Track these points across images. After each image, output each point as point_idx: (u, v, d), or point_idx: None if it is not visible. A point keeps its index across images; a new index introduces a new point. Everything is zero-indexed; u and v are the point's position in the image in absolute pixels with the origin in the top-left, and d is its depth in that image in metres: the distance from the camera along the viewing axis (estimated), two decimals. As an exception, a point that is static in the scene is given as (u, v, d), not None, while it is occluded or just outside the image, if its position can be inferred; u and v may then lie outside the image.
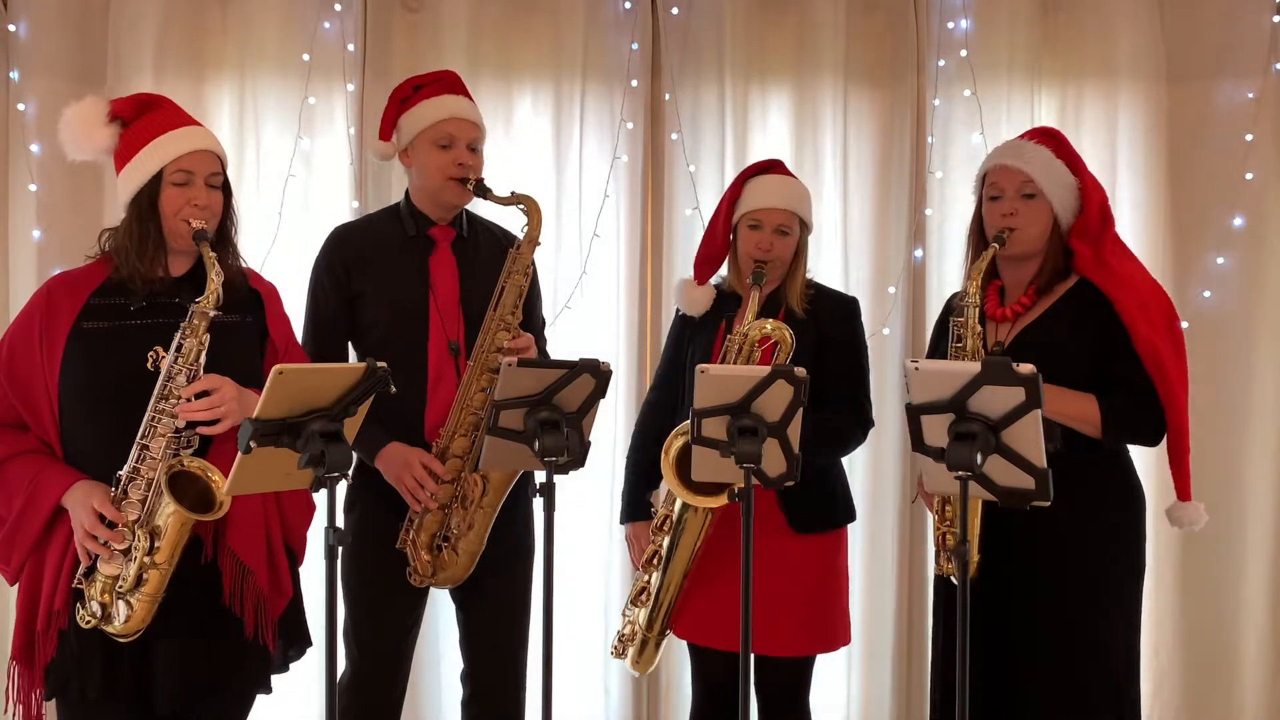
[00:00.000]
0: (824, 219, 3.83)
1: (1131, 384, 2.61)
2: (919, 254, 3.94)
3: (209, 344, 2.35)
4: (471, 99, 2.92)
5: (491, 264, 2.87)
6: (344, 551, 2.83)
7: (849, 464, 2.98)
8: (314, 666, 2.62)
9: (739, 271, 2.93)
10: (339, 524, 2.11)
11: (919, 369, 2.26)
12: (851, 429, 2.89)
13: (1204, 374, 2.74)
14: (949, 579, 2.64)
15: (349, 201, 3.78)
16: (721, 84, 3.92)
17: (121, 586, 2.30)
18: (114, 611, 2.31)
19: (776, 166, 2.99)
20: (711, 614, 2.80)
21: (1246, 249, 3.93)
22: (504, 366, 2.39)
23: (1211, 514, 2.83)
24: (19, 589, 2.43)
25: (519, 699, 2.97)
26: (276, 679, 2.57)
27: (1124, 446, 2.72)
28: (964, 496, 2.22)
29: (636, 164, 3.90)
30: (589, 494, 3.83)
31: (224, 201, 2.49)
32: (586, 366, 2.39)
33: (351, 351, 2.96)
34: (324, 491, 2.10)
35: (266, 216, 3.75)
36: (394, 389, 2.18)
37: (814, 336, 2.84)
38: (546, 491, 2.36)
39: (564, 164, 3.91)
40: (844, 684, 3.96)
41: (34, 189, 3.69)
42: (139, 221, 2.41)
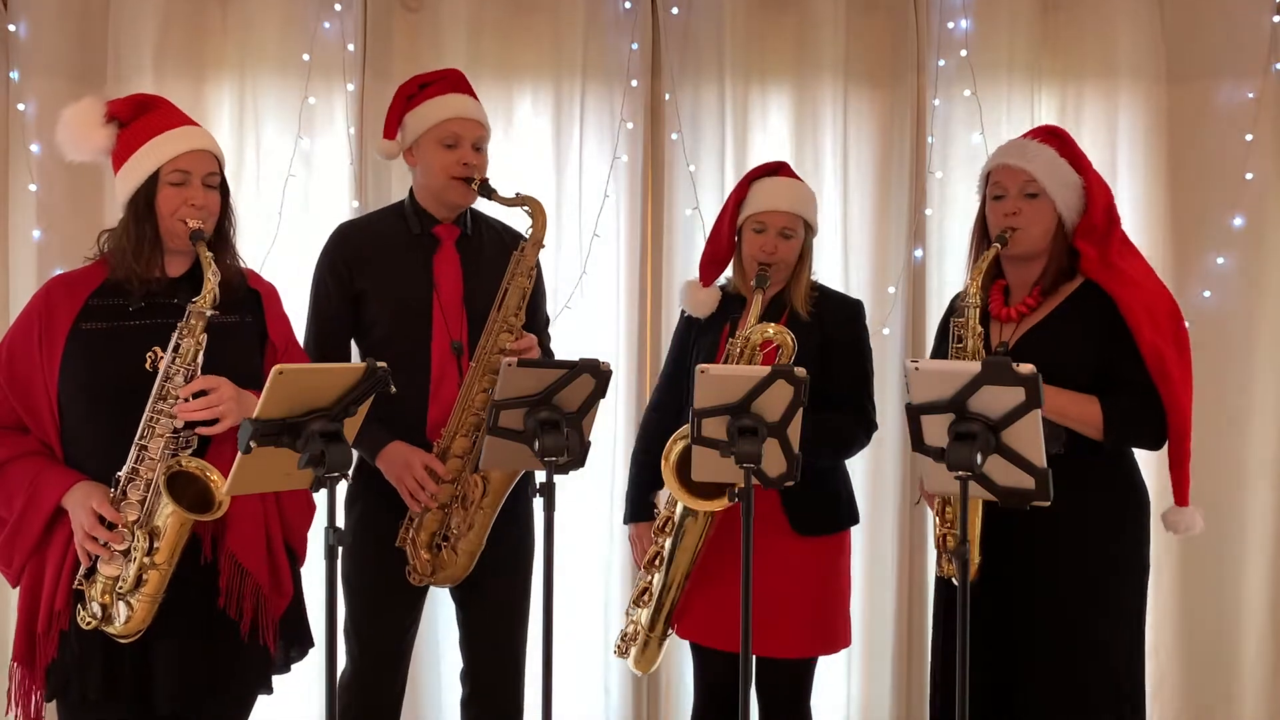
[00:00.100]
0: (824, 219, 3.80)
1: (1135, 387, 2.59)
2: (919, 254, 3.94)
3: (209, 344, 2.35)
4: (476, 98, 2.91)
5: (496, 262, 2.86)
6: (345, 549, 2.84)
7: (849, 465, 2.98)
8: (314, 666, 2.62)
9: (744, 273, 2.92)
10: (339, 524, 2.11)
11: (919, 369, 2.26)
12: (854, 431, 2.88)
13: (1204, 374, 2.73)
14: (950, 580, 2.62)
15: (349, 201, 3.78)
16: (721, 84, 3.92)
17: (121, 587, 2.30)
18: (114, 612, 2.31)
19: (782, 169, 2.98)
20: (714, 615, 2.80)
21: (1246, 249, 3.93)
22: (504, 366, 2.39)
23: (1211, 514, 2.82)
24: (20, 590, 2.42)
25: (518, 699, 2.97)
26: (277, 678, 2.57)
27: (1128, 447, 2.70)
28: (964, 496, 2.22)
29: (636, 164, 3.90)
30: (589, 494, 3.83)
31: (221, 201, 2.48)
32: (586, 366, 2.39)
33: (355, 350, 2.96)
34: (324, 491, 2.10)
35: (266, 216, 3.75)
36: (394, 389, 2.18)
37: (818, 339, 2.84)
38: (546, 491, 2.36)
39: (564, 164, 3.91)
40: (844, 685, 3.96)
41: (34, 189, 3.69)
42: (135, 222, 2.41)
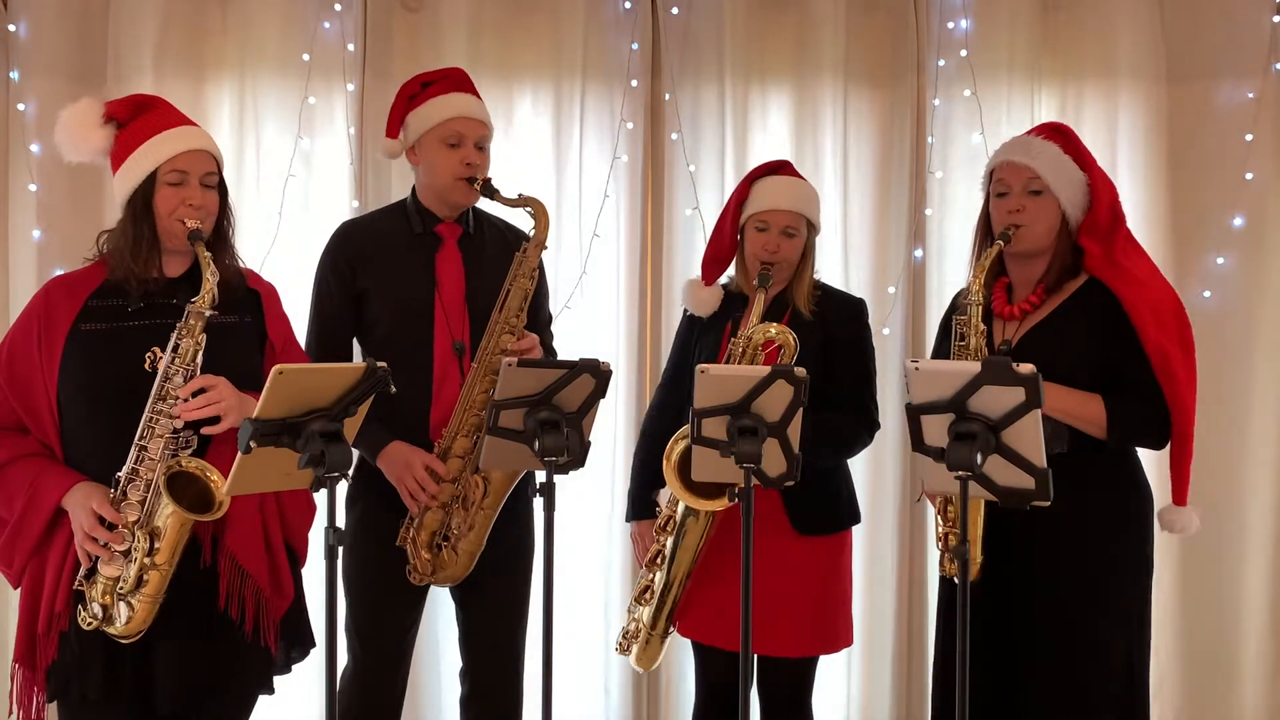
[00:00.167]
0: (824, 219, 3.78)
1: (1139, 386, 2.58)
2: (919, 254, 3.94)
3: (208, 345, 2.35)
4: (479, 97, 2.91)
5: (498, 261, 2.86)
6: (346, 548, 2.85)
7: (849, 464, 2.98)
8: (316, 665, 2.62)
9: (746, 272, 2.91)
10: (339, 523, 2.11)
11: (919, 369, 2.26)
12: (857, 430, 2.88)
13: (1204, 374, 2.71)
14: (953, 580, 2.61)
15: (349, 201, 3.78)
16: (721, 84, 3.92)
17: (122, 588, 2.30)
18: (115, 613, 2.31)
19: (785, 168, 2.98)
20: (715, 614, 2.80)
21: (1246, 249, 3.93)
22: (504, 366, 2.39)
23: (1211, 513, 2.82)
24: (21, 591, 2.42)
25: (517, 698, 2.97)
26: (278, 678, 2.57)
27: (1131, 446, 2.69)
28: (964, 496, 2.22)
29: (636, 164, 3.90)
30: (589, 494, 3.83)
31: (220, 201, 2.48)
32: (586, 366, 2.39)
33: (358, 349, 2.96)
34: (324, 491, 2.10)
35: (266, 216, 3.75)
36: (394, 389, 2.18)
37: (821, 338, 2.84)
38: (546, 491, 2.36)
39: (564, 164, 3.91)
40: (844, 684, 3.96)
41: (34, 189, 3.69)
42: (133, 222, 2.41)
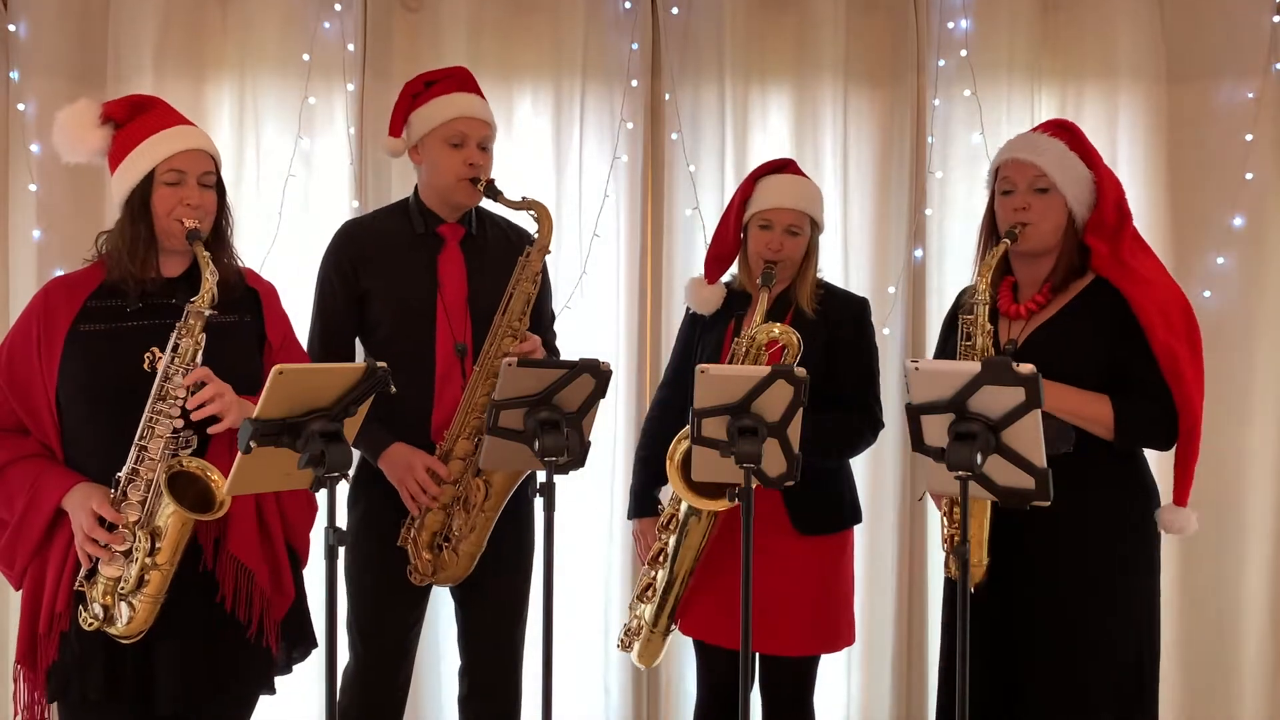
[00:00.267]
0: (824, 219, 3.83)
1: (1147, 386, 2.55)
2: (919, 254, 3.94)
3: (208, 344, 2.35)
4: (483, 96, 2.90)
5: (500, 262, 2.85)
6: (348, 548, 2.86)
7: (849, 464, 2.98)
8: (317, 665, 2.62)
9: (749, 271, 2.91)
10: (340, 523, 2.11)
11: (919, 369, 2.26)
12: (860, 430, 2.88)
13: (1205, 373, 2.71)
14: (969, 595, 2.54)
15: (349, 201, 3.78)
16: (721, 84, 3.92)
17: (123, 588, 2.30)
18: (116, 613, 2.31)
19: (789, 166, 2.98)
20: (718, 612, 2.81)
21: (1246, 249, 3.93)
22: (504, 366, 2.39)
23: (1212, 513, 2.81)
24: (23, 592, 2.42)
25: (516, 698, 2.97)
26: (280, 677, 2.57)
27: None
28: (964, 496, 2.22)
29: (636, 164, 3.90)
30: (589, 494, 3.83)
31: (218, 201, 2.48)
32: (586, 366, 2.39)
33: (360, 350, 2.95)
34: (324, 491, 2.10)
35: (266, 216, 3.75)
36: (394, 389, 2.18)
37: (824, 337, 2.84)
38: (546, 491, 2.36)
39: (564, 164, 3.91)
40: (844, 684, 3.96)
41: (34, 189, 3.69)
42: (131, 222, 2.41)
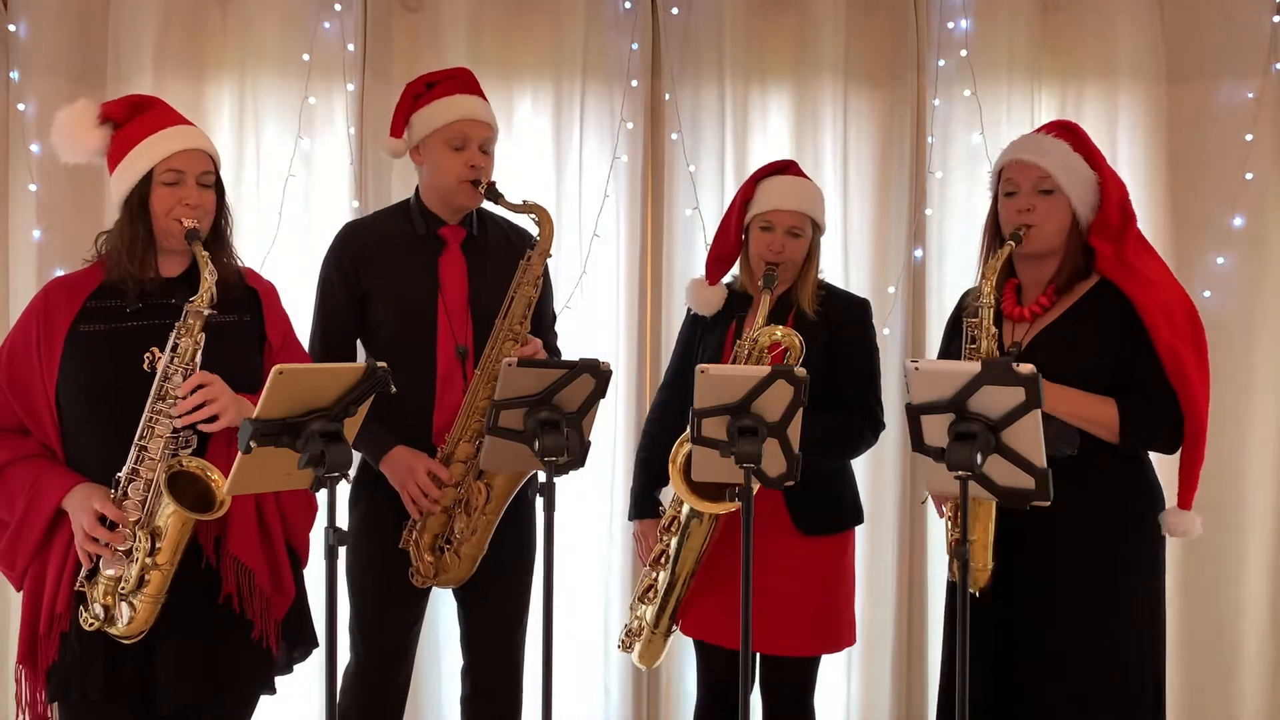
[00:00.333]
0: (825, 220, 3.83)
1: (1152, 389, 2.54)
2: (919, 254, 3.94)
3: (208, 344, 2.35)
4: (485, 98, 2.90)
5: (501, 264, 2.85)
6: (349, 548, 2.86)
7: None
8: (317, 665, 2.62)
9: (750, 272, 2.91)
10: (340, 523, 2.10)
11: (919, 369, 2.26)
12: (861, 430, 2.88)
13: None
14: (969, 594, 2.52)
15: (349, 201, 3.78)
16: (721, 84, 3.92)
17: (124, 588, 2.30)
18: (117, 613, 2.31)
19: (790, 168, 2.97)
20: (719, 613, 2.80)
21: (1246, 249, 3.93)
22: (504, 366, 2.39)
23: (1211, 514, 2.80)
24: (24, 593, 2.42)
25: (518, 699, 2.97)
26: (280, 677, 2.57)
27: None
28: (964, 496, 2.22)
29: (636, 164, 3.90)
30: (589, 494, 3.83)
31: (217, 200, 2.48)
32: (586, 366, 2.39)
33: (362, 351, 2.95)
34: (324, 491, 2.10)
35: (266, 216, 3.75)
36: (394, 389, 2.18)
37: (825, 338, 2.84)
38: (546, 491, 2.36)
39: (564, 164, 3.91)
40: (844, 684, 3.96)
41: (34, 189, 3.69)
42: (130, 222, 2.41)
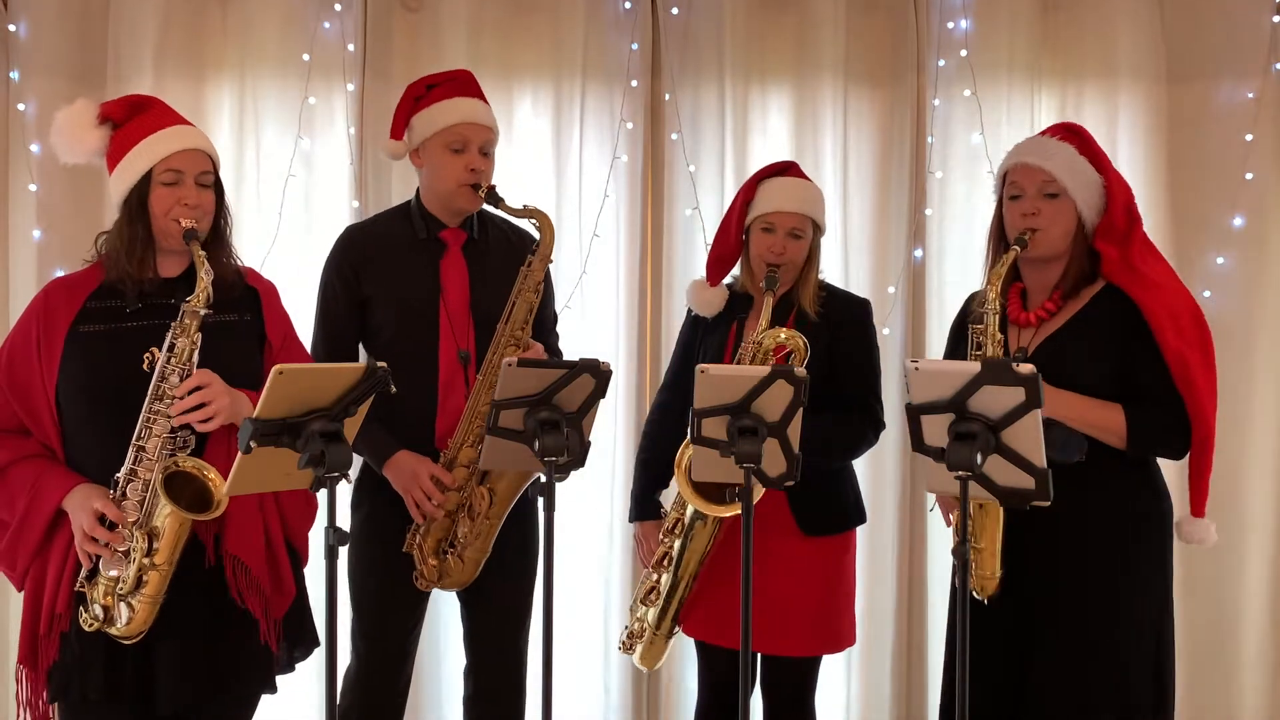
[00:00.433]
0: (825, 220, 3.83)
1: (1158, 395, 2.52)
2: (919, 254, 3.94)
3: (208, 344, 2.35)
4: (485, 100, 2.89)
5: (502, 267, 2.84)
6: (351, 550, 2.86)
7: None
8: (317, 665, 2.62)
9: (751, 273, 2.91)
10: (340, 523, 2.10)
11: (919, 369, 2.25)
12: (863, 430, 2.88)
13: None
14: (971, 594, 2.52)
15: (349, 201, 3.78)
16: (721, 84, 3.92)
17: (122, 588, 2.30)
18: (116, 614, 2.31)
19: (791, 169, 2.97)
20: (721, 613, 2.80)
21: (1246, 249, 3.93)
22: (504, 366, 2.38)
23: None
24: (25, 593, 2.42)
25: (520, 700, 2.97)
26: (281, 676, 2.56)
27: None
28: (964, 496, 2.22)
29: (636, 164, 3.90)
30: (589, 494, 3.83)
31: (216, 200, 2.47)
32: (586, 366, 2.39)
33: (364, 355, 2.95)
34: (324, 491, 2.10)
35: (266, 216, 3.75)
36: (394, 389, 2.18)
37: (826, 338, 2.84)
38: (546, 491, 2.36)
39: (564, 164, 3.91)
40: (844, 684, 3.96)
41: (34, 189, 3.69)
42: (129, 222, 2.41)
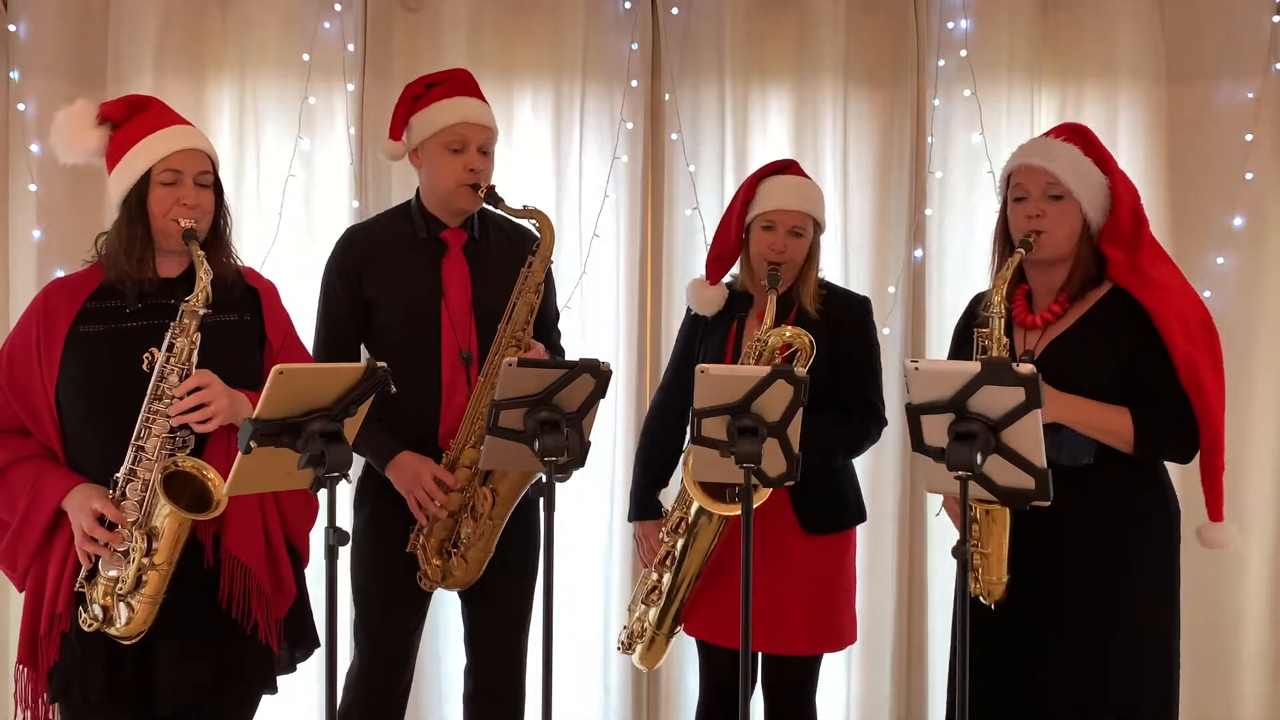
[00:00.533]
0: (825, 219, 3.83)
1: (1166, 398, 2.50)
2: (919, 254, 3.94)
3: (208, 344, 2.35)
4: (484, 99, 2.89)
5: (503, 266, 2.84)
6: (353, 550, 2.86)
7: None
8: (318, 665, 2.62)
9: (751, 271, 2.91)
10: (340, 523, 2.10)
11: (919, 369, 2.25)
12: (865, 427, 2.89)
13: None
14: (978, 599, 2.52)
15: (349, 201, 3.78)
16: (721, 84, 3.92)
17: (121, 589, 2.30)
18: (115, 614, 2.31)
19: (791, 167, 2.97)
20: (722, 612, 2.80)
21: (1246, 249, 3.93)
22: (504, 366, 2.38)
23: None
24: (26, 593, 2.42)
25: (521, 700, 2.97)
26: (282, 676, 2.56)
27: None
28: (964, 497, 2.22)
29: (636, 164, 3.90)
30: (589, 494, 3.83)
31: (216, 200, 2.47)
32: (586, 366, 2.39)
33: (365, 355, 2.95)
34: (324, 491, 2.10)
35: (266, 216, 3.75)
36: (394, 389, 2.18)
37: (827, 336, 2.84)
38: (546, 491, 2.36)
39: (564, 164, 3.91)
40: (844, 684, 3.96)
41: (34, 189, 3.69)
42: (128, 222, 2.41)
